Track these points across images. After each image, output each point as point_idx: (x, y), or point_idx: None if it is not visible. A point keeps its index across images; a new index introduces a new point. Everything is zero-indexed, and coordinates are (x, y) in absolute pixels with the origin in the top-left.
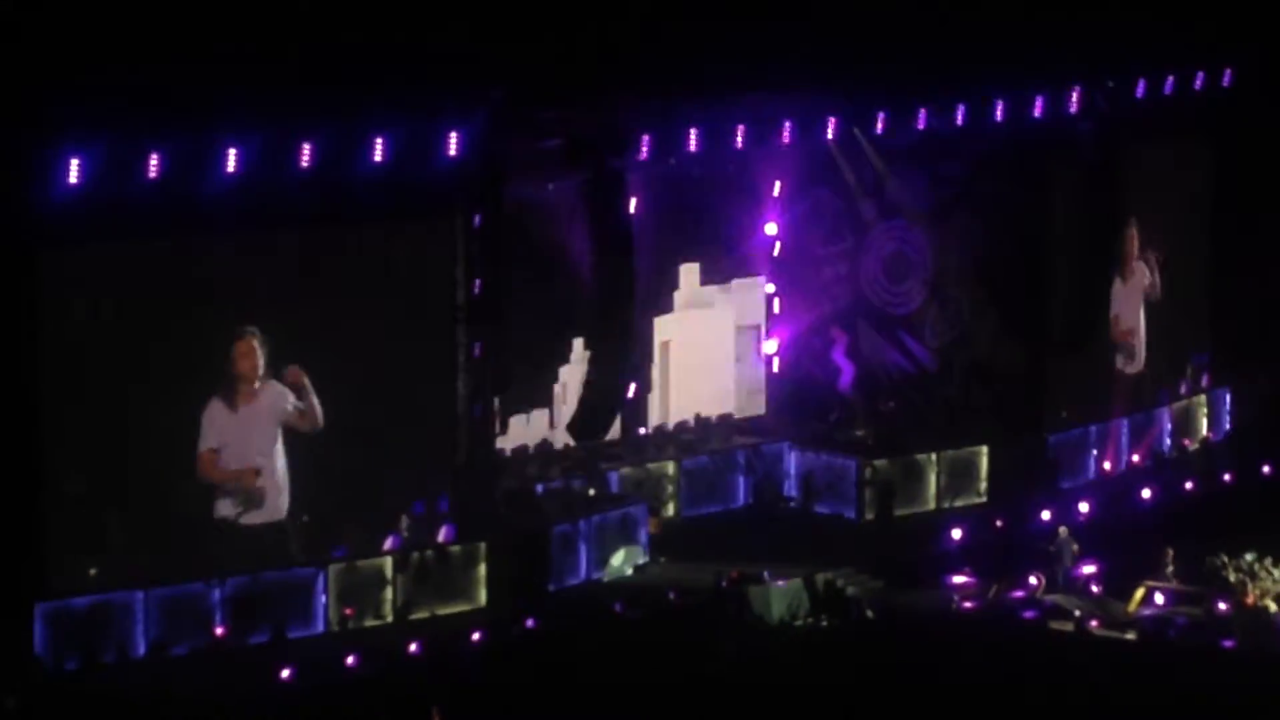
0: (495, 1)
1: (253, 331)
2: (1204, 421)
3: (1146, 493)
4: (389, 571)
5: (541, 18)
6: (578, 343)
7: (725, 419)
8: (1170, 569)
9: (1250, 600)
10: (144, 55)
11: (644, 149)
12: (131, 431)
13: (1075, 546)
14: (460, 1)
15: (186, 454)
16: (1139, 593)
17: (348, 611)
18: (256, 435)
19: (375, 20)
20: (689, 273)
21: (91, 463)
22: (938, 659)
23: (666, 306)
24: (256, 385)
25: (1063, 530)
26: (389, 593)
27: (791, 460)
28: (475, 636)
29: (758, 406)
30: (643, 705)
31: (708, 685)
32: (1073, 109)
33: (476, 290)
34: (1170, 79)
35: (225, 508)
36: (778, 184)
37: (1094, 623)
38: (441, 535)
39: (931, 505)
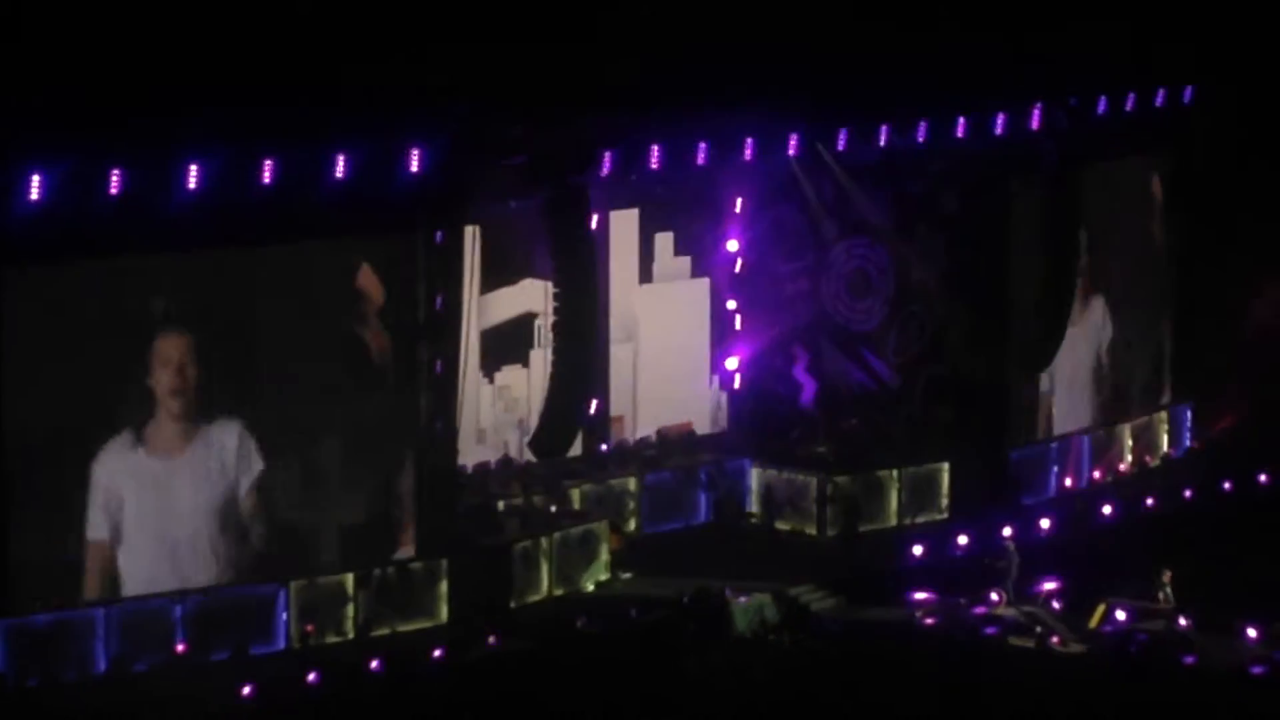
0: (457, 20)
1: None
2: (1165, 438)
3: (1108, 509)
4: (350, 588)
5: (503, 36)
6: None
7: (687, 434)
8: (1168, 590)
9: None
10: (106, 72)
11: (606, 166)
12: (95, 447)
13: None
14: (422, 19)
15: None
16: (1100, 609)
17: (309, 628)
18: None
19: (338, 37)
20: None
21: (55, 480)
22: (899, 675)
23: None
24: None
25: (1009, 545)
26: (350, 609)
27: (753, 476)
28: (437, 653)
29: (719, 422)
30: None
31: (671, 701)
32: (1034, 126)
33: (439, 306)
34: (1131, 96)
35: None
36: (739, 201)
37: (1055, 639)
38: None
39: (893, 522)
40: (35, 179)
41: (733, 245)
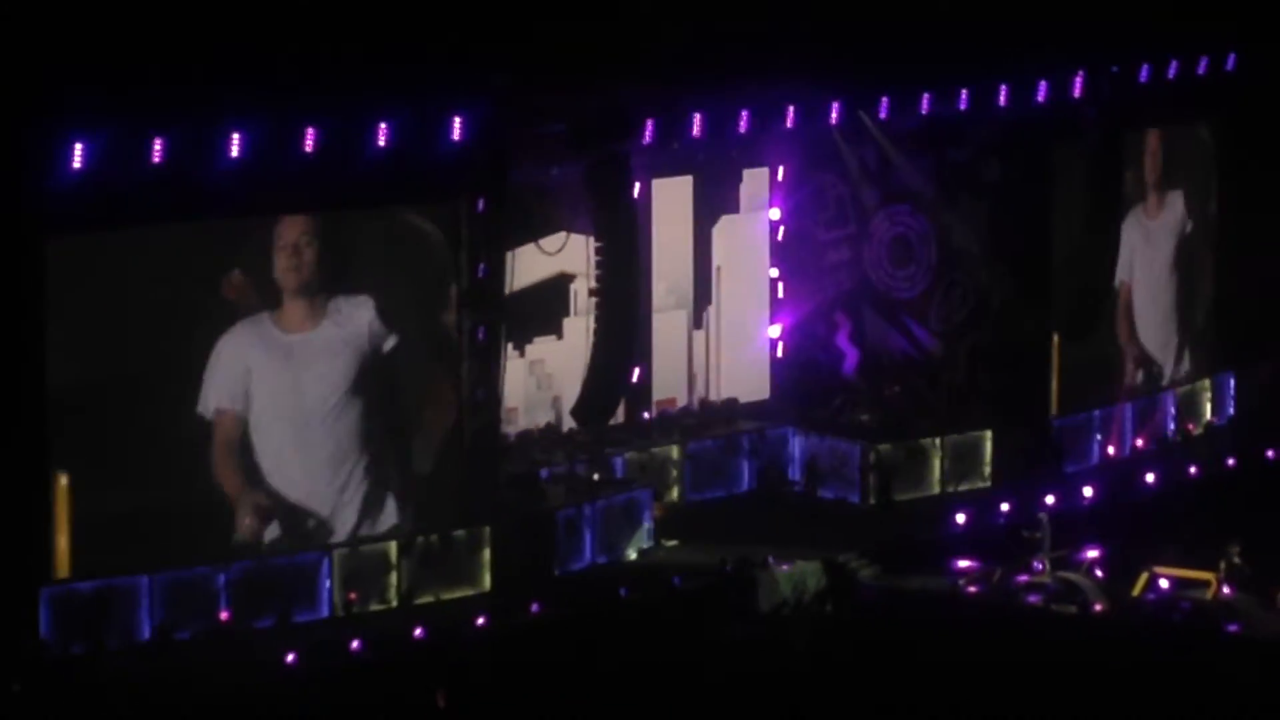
0: None
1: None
2: (1208, 405)
3: (1151, 477)
4: (393, 556)
5: (544, 3)
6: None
7: (730, 403)
8: (1236, 562)
9: None
10: (147, 39)
11: (648, 134)
12: (139, 416)
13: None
14: None
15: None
16: (1143, 577)
17: (352, 596)
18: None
19: (379, 5)
20: None
21: (98, 447)
22: (943, 643)
23: None
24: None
25: (1042, 516)
26: (393, 577)
27: (796, 445)
28: (480, 621)
29: (761, 391)
30: (647, 689)
31: (713, 669)
32: (1076, 93)
33: (480, 274)
34: (1174, 63)
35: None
36: (781, 169)
37: (1097, 606)
38: None
39: (935, 490)
40: (77, 147)
41: (775, 213)
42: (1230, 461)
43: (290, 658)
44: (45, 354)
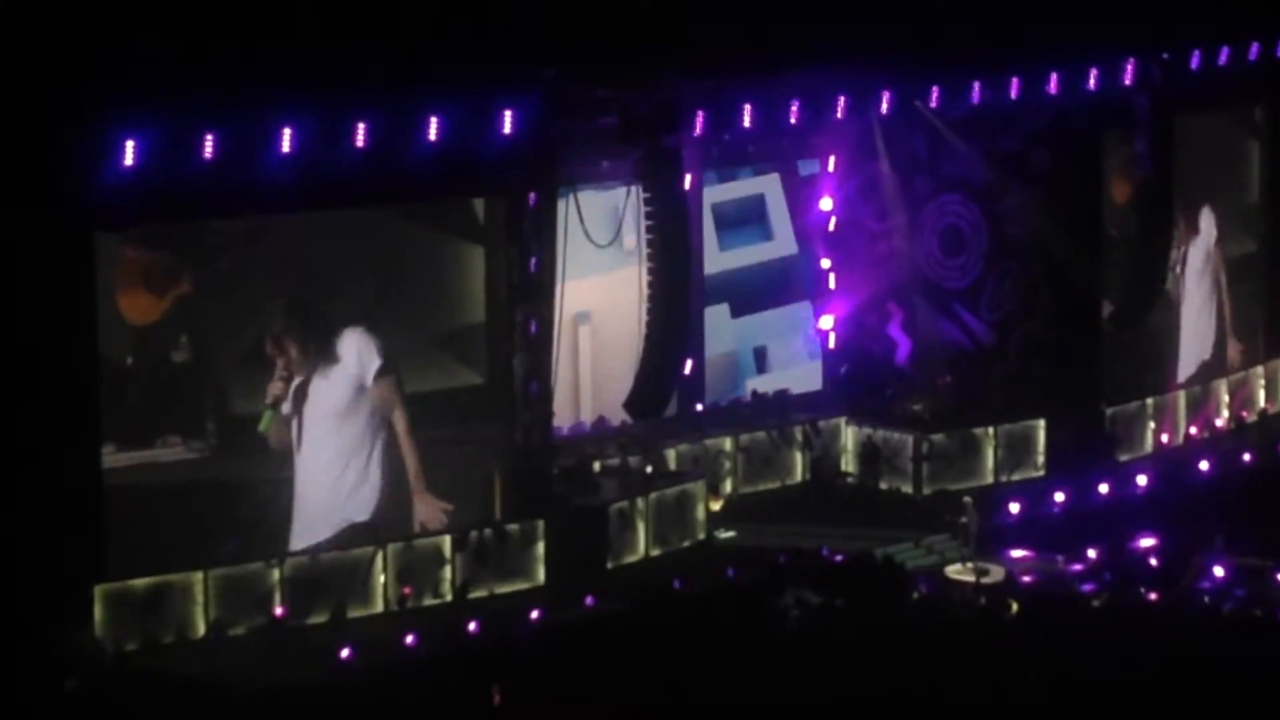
0: None
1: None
2: (1261, 393)
3: (1205, 465)
4: (448, 551)
5: None
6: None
7: (782, 394)
8: None
9: None
10: (198, 35)
11: (698, 126)
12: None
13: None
14: None
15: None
16: (1197, 565)
17: (406, 591)
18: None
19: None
20: None
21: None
22: (1000, 632)
23: None
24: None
25: (967, 499)
26: (447, 572)
27: (849, 435)
28: (534, 615)
29: (813, 382)
30: (701, 682)
31: (766, 661)
32: (1127, 81)
33: (532, 268)
34: (1224, 50)
35: None
36: (832, 159)
37: (1152, 595)
38: None
39: (989, 479)
40: (129, 144)
41: (826, 204)
42: None
43: (345, 653)
44: (97, 349)
